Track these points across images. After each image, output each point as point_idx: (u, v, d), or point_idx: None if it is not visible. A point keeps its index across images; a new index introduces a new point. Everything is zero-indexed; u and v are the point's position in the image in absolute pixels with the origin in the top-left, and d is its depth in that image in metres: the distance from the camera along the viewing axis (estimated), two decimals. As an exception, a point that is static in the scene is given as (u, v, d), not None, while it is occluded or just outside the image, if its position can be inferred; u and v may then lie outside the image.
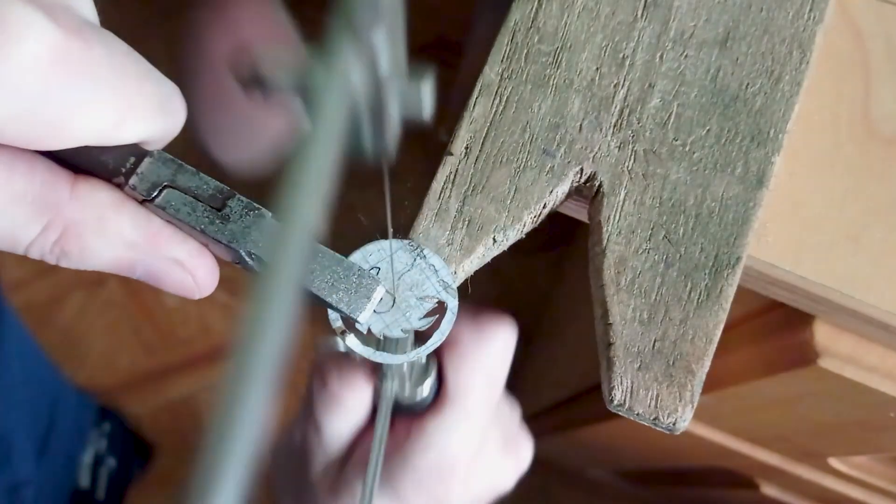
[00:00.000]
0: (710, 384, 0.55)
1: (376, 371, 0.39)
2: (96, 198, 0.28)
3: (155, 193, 0.29)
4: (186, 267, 0.30)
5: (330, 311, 0.32)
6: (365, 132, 0.20)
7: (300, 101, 0.18)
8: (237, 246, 0.30)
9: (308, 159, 0.16)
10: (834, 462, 0.63)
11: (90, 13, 0.28)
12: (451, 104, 0.40)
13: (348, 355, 0.38)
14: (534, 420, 1.12)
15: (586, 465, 1.22)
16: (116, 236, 0.28)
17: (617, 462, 1.09)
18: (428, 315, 0.33)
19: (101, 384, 1.40)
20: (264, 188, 0.25)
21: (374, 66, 0.17)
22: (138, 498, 1.33)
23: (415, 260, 0.34)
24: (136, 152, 0.29)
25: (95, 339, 1.43)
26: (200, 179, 0.30)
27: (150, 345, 1.44)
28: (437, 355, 0.40)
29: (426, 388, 0.39)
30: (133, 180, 0.29)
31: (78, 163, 0.28)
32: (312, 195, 0.16)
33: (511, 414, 0.45)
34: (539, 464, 1.37)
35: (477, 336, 0.39)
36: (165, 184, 0.30)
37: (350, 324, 0.33)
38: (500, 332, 0.40)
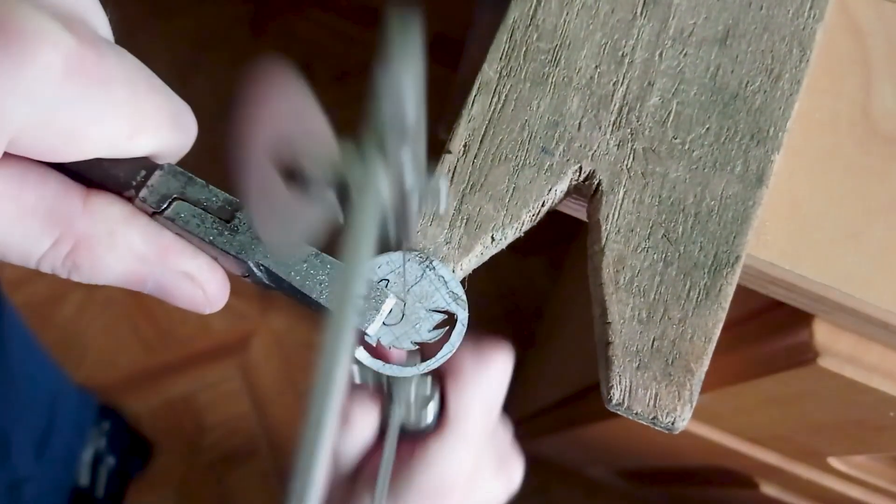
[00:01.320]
0: (710, 383, 0.55)
1: (384, 396, 0.40)
2: (108, 212, 0.28)
3: (165, 205, 0.29)
4: (197, 281, 0.30)
5: None
6: (390, 228, 0.23)
7: (334, 194, 0.21)
8: (245, 257, 0.30)
9: (352, 252, 0.19)
10: (833, 461, 0.63)
11: (105, 30, 0.28)
12: (452, 104, 0.40)
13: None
14: (532, 420, 1.12)
15: (585, 465, 1.22)
16: (127, 250, 0.28)
17: (615, 461, 1.09)
18: (437, 327, 0.33)
19: (100, 382, 1.40)
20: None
21: (400, 179, 0.20)
22: (137, 496, 1.33)
23: (424, 271, 0.34)
24: (147, 165, 0.29)
25: (95, 337, 1.42)
26: (210, 192, 0.30)
27: (149, 343, 1.43)
28: (440, 382, 0.41)
29: (429, 413, 0.40)
30: (143, 193, 0.29)
31: (90, 176, 0.28)
32: (356, 284, 0.20)
33: (504, 434, 0.46)
34: (537, 463, 1.37)
35: (477, 364, 0.41)
36: (175, 196, 0.30)
37: (360, 337, 0.33)
38: (499, 361, 0.41)
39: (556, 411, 1.00)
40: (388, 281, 0.33)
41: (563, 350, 1.02)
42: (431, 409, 0.40)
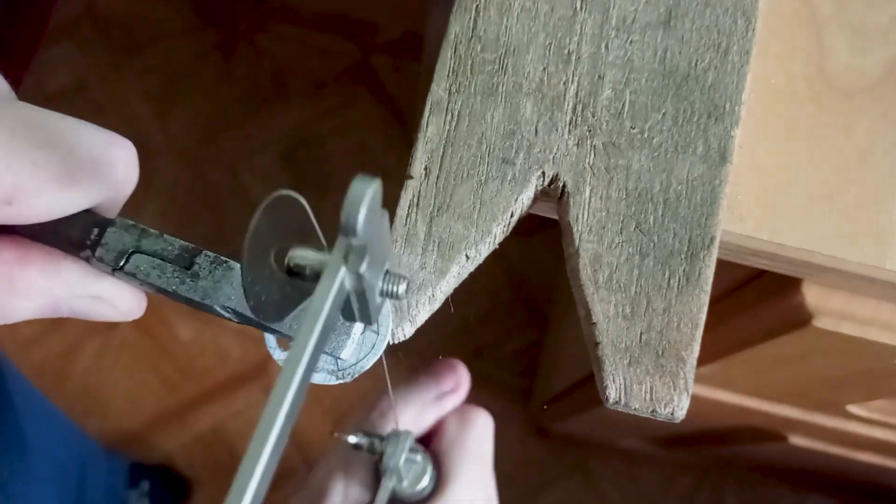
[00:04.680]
0: (716, 353, 0.55)
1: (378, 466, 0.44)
2: (1, 257, 0.28)
3: (123, 261, 0.29)
4: (107, 300, 0.30)
5: (267, 336, 0.32)
6: (354, 309, 0.28)
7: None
8: (210, 302, 0.30)
9: (313, 320, 0.25)
10: (852, 408, 0.62)
11: None
12: (421, 96, 0.40)
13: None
14: (559, 400, 1.12)
15: (618, 437, 1.22)
16: (29, 289, 0.28)
17: (646, 430, 1.09)
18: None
19: (128, 427, 1.41)
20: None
21: (360, 276, 0.26)
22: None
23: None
24: (98, 222, 0.29)
25: (116, 384, 1.43)
26: (165, 241, 0.30)
27: (170, 381, 1.44)
28: (431, 450, 0.46)
29: (425, 482, 0.44)
30: (99, 252, 0.29)
31: (43, 240, 0.29)
32: (315, 340, 0.24)
33: None
34: (572, 441, 1.37)
35: (460, 421, 0.46)
36: (132, 250, 0.30)
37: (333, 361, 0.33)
38: (480, 416, 0.47)
39: (582, 388, 0.99)
40: None
41: (579, 327, 1.02)
42: (426, 479, 0.44)
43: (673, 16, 0.38)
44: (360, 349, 0.32)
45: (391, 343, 0.36)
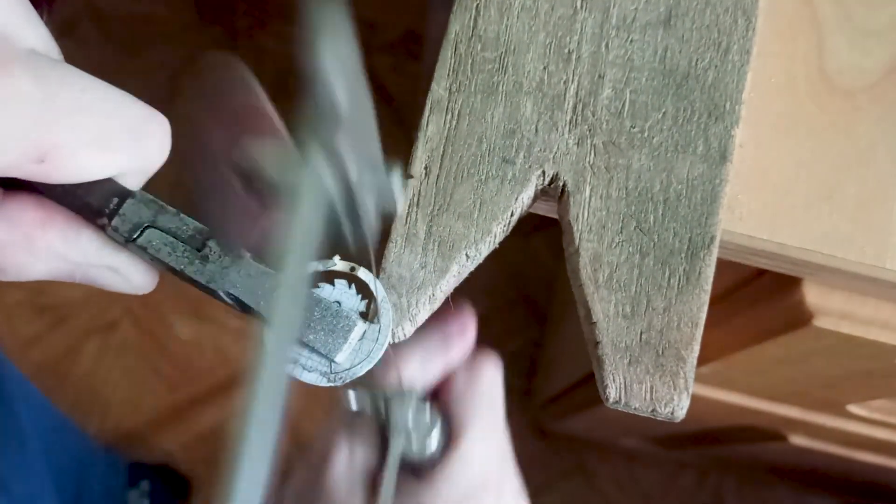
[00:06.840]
0: (716, 352, 0.55)
1: (383, 425, 0.42)
2: (23, 217, 0.28)
3: (137, 234, 0.30)
4: (121, 272, 0.30)
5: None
6: (344, 225, 0.22)
7: (283, 197, 0.20)
8: (215, 287, 0.30)
9: (289, 251, 0.18)
10: (853, 408, 0.62)
11: (34, 42, 0.27)
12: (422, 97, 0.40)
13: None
14: (560, 399, 1.12)
15: (618, 437, 1.22)
16: (47, 251, 0.28)
17: (646, 429, 1.09)
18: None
19: (128, 427, 1.40)
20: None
21: (343, 171, 0.19)
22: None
23: (333, 283, 0.33)
24: (119, 192, 0.30)
25: (116, 383, 1.43)
26: (181, 220, 0.30)
27: (171, 380, 1.44)
28: (440, 403, 0.43)
29: (433, 442, 0.42)
30: (115, 221, 0.29)
31: (63, 203, 0.29)
32: (296, 282, 0.19)
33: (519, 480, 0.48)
34: (572, 441, 1.36)
35: (468, 371, 0.44)
36: (147, 224, 0.30)
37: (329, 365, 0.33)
38: (488, 363, 0.45)
39: (582, 388, 1.00)
40: (341, 302, 0.33)
41: (579, 327, 1.02)
42: (435, 437, 0.41)
43: (673, 15, 0.38)
44: (355, 355, 0.32)
45: (391, 343, 0.36)
